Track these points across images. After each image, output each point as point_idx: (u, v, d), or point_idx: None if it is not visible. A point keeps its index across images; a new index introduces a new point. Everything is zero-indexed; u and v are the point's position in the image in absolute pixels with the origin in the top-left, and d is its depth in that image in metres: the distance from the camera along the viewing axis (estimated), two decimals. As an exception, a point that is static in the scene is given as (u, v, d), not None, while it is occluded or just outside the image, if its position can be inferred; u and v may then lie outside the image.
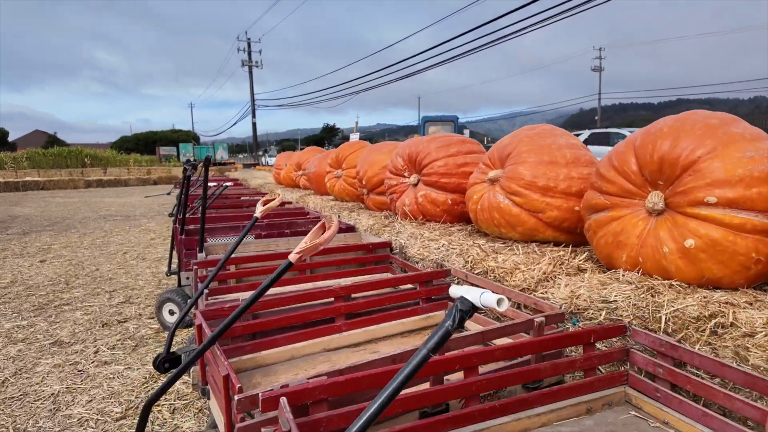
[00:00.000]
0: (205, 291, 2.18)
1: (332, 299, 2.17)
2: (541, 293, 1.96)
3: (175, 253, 4.43)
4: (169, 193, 13.86)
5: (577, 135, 20.29)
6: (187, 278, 3.34)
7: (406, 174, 3.48)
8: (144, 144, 55.75)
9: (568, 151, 2.44)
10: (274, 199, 2.60)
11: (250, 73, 53.54)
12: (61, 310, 3.80)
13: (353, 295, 2.22)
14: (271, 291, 2.73)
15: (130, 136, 62.64)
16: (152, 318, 3.56)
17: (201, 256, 2.86)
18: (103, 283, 4.59)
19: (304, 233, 3.67)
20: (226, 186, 5.26)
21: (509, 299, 2.04)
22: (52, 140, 67.61)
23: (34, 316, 3.65)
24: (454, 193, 3.16)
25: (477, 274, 2.26)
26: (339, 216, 4.40)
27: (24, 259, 5.74)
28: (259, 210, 2.49)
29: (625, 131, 16.57)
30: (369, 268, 2.98)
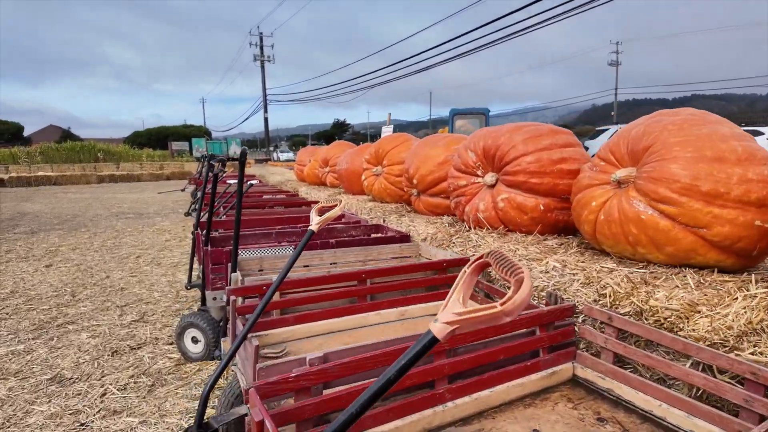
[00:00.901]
0: (249, 339, 1.56)
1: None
2: (750, 353, 1.32)
3: (196, 261, 3.85)
4: (183, 189, 13.38)
5: (605, 130, 19.44)
6: (214, 298, 2.75)
7: (479, 172, 2.83)
8: (156, 139, 55.73)
9: (738, 144, 1.78)
10: (332, 207, 1.99)
11: (262, 67, 53.14)
12: (64, 330, 3.24)
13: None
14: (335, 326, 2.13)
15: (142, 131, 62.69)
16: (171, 344, 2.98)
17: (235, 276, 2.25)
18: (113, 294, 4.03)
19: (355, 243, 3.05)
20: (252, 184, 4.67)
21: (699, 362, 1.39)
22: (66, 135, 67.98)
23: (33, 338, 3.09)
24: (547, 196, 2.51)
25: (624, 314, 1.61)
26: (384, 220, 3.77)
27: (29, 263, 5.22)
28: (315, 221, 1.88)
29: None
30: (443, 292, 2.36)
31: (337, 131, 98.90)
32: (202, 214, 3.60)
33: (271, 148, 50.22)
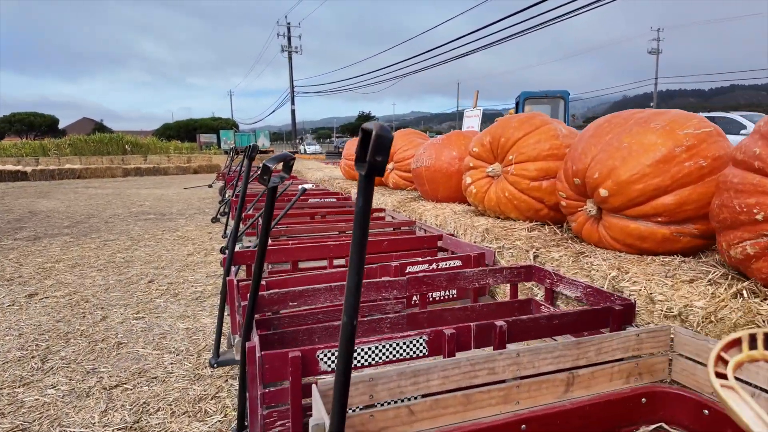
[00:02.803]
0: None
1: None
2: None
3: (227, 316, 2.46)
4: (210, 186, 12.20)
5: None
6: None
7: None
8: (185, 131, 55.67)
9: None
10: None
11: (290, 58, 52.19)
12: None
13: None
14: None
15: (172, 124, 62.88)
16: None
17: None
18: (102, 358, 2.67)
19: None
20: (305, 189, 3.24)
21: None
22: (99, 127, 69.04)
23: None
24: None
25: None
26: (536, 258, 2.26)
27: (8, 290, 3.95)
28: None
29: (735, 116, 13.56)
30: None
31: (362, 123, 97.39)
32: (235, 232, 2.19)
33: (298, 140, 49.28)
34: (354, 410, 1.11)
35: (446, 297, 2.37)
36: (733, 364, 0.60)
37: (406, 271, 2.23)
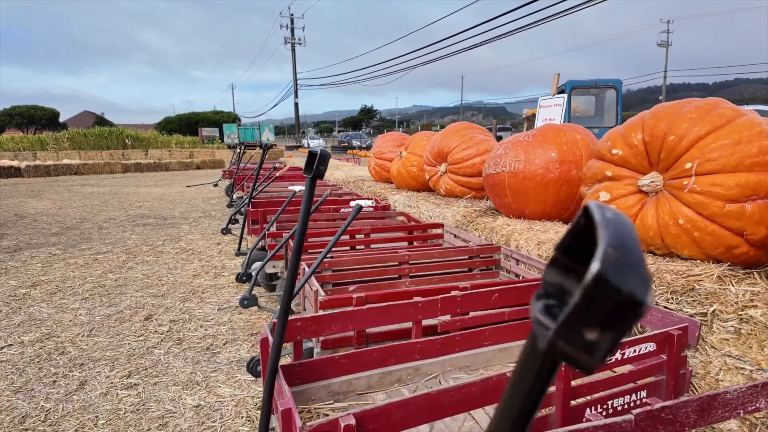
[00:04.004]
0: None
1: None
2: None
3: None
4: (216, 184, 11.26)
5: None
6: None
7: None
8: (187, 125, 54.68)
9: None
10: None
11: (293, 50, 51.07)
12: None
13: None
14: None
15: (173, 117, 61.81)
16: None
17: None
18: (73, 469, 1.76)
19: None
20: (361, 207, 2.29)
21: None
22: (100, 121, 68.03)
23: None
24: None
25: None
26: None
27: (-35, 331, 3.04)
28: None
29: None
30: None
31: (365, 117, 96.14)
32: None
33: (300, 134, 48.26)
34: None
35: None
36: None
37: (571, 386, 1.28)
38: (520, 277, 2.55)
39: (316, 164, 1.14)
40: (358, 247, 3.28)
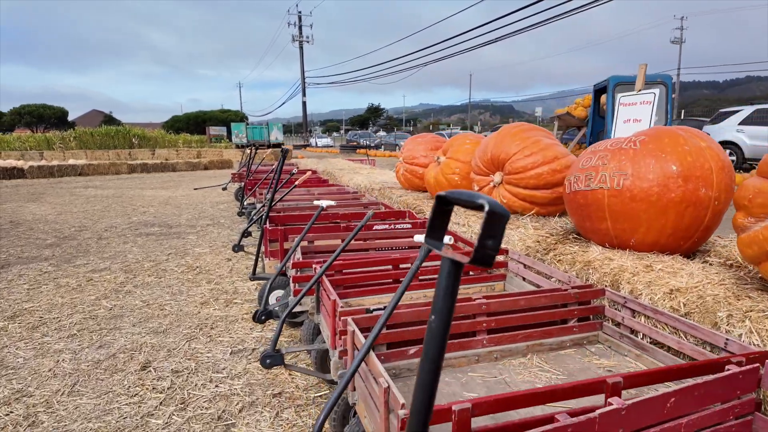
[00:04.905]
0: None
1: None
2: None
3: None
4: (224, 188, 10.67)
5: (736, 111, 15.39)
6: None
7: None
8: (194, 124, 54.42)
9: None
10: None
11: (301, 48, 50.61)
12: None
13: None
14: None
15: (180, 116, 61.58)
16: None
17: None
18: None
19: None
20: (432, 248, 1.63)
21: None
22: (108, 119, 68.00)
23: None
24: None
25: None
26: None
27: None
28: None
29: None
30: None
31: (371, 116, 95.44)
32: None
33: (308, 133, 47.80)
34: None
35: None
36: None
37: None
38: (640, 336, 1.89)
39: (484, 234, 0.48)
40: (398, 278, 2.63)
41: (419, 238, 1.62)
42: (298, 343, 2.83)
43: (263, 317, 2.64)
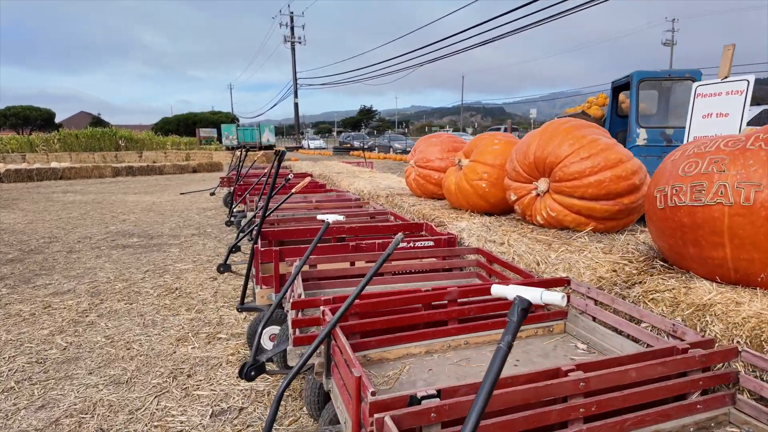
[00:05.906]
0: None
1: None
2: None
3: None
4: (213, 193, 9.96)
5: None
6: None
7: None
8: (185, 125, 53.42)
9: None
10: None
11: (293, 49, 49.86)
12: None
13: None
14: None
15: (171, 118, 60.45)
16: None
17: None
18: None
19: None
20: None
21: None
22: (96, 121, 66.55)
23: None
24: None
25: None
26: None
27: None
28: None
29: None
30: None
31: (364, 117, 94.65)
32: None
33: (300, 135, 47.06)
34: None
35: None
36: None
37: None
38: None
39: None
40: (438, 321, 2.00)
41: (501, 290, 1.00)
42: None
43: (252, 373, 1.99)
